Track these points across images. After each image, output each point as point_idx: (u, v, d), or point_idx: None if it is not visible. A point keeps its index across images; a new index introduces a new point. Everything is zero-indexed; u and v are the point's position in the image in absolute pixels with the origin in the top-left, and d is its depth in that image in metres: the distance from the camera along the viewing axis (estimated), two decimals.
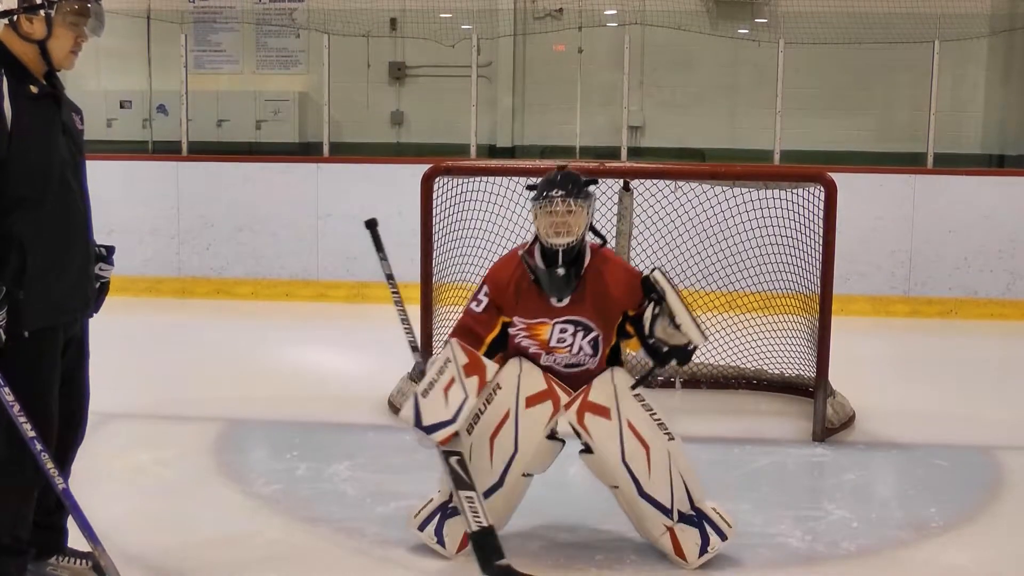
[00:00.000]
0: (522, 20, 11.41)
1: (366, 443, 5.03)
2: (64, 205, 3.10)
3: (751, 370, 6.05)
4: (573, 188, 3.65)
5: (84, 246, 3.21)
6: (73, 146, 3.16)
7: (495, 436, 3.67)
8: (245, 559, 3.75)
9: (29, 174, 3.00)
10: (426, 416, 3.53)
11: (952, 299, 8.46)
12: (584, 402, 3.65)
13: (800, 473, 4.85)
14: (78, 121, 3.24)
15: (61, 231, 3.10)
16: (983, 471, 4.85)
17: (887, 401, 5.82)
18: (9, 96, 2.96)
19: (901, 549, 3.95)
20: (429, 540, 3.76)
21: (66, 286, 3.12)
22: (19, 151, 2.98)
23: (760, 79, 10.02)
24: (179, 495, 4.33)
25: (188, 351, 7.13)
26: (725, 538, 3.70)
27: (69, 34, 3.07)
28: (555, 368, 3.73)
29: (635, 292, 3.67)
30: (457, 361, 3.61)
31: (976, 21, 10.49)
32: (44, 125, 3.05)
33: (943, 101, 9.17)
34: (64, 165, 3.09)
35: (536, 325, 3.72)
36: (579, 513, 4.05)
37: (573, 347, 3.70)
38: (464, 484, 3.53)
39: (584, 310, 3.68)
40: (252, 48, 11.80)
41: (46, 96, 3.09)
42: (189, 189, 8.93)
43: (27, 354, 3.05)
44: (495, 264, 3.95)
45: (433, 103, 11.32)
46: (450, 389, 3.56)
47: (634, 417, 3.64)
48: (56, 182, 3.06)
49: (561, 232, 3.59)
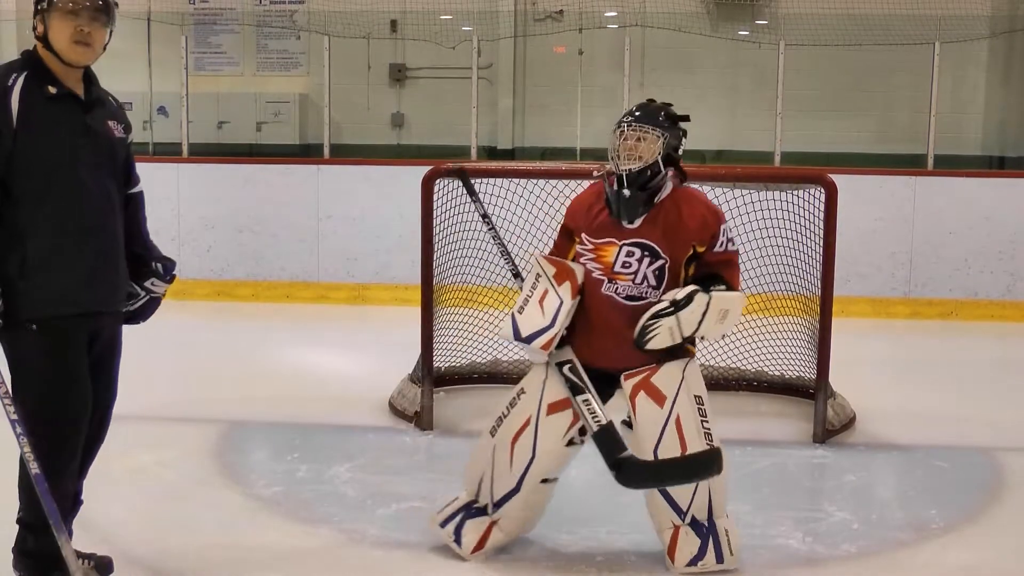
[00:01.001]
0: (522, 22, 11.43)
1: (367, 445, 5.03)
2: (72, 201, 3.15)
3: (752, 372, 6.05)
4: (644, 116, 3.63)
5: (102, 244, 3.24)
6: (97, 148, 3.22)
7: (515, 440, 3.69)
8: (246, 561, 3.75)
9: (32, 169, 3.08)
10: (524, 328, 3.63)
11: (952, 300, 8.46)
12: (645, 380, 3.61)
13: (801, 475, 4.85)
14: (115, 128, 3.32)
15: (68, 225, 3.14)
16: (984, 472, 4.85)
17: (888, 402, 5.82)
18: (20, 94, 3.06)
19: (902, 550, 3.95)
20: (447, 538, 3.78)
21: (74, 280, 3.16)
22: (24, 146, 3.06)
23: (760, 81, 10.04)
24: (180, 496, 4.33)
25: (189, 353, 7.13)
26: (721, 561, 3.66)
27: (64, 25, 3.12)
28: (615, 299, 3.63)
29: (707, 226, 3.63)
30: (547, 273, 3.69)
31: (976, 23, 10.50)
32: (55, 124, 3.12)
33: (943, 103, 9.17)
34: (79, 164, 3.15)
35: (603, 246, 3.66)
36: (580, 515, 4.05)
37: (637, 275, 3.61)
38: (578, 389, 3.61)
39: (654, 235, 3.61)
40: (252, 50, 11.82)
41: (65, 97, 3.16)
42: (189, 191, 8.93)
43: (36, 347, 3.11)
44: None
45: (433, 105, 11.34)
46: (545, 299, 3.65)
47: (684, 415, 3.59)
48: (63, 178, 3.12)
49: (631, 157, 3.57)
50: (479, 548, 3.73)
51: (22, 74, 3.10)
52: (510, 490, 3.69)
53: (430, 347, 5.42)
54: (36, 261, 3.09)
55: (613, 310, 3.64)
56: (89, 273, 3.20)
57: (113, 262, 3.30)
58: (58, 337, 3.14)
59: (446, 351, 5.81)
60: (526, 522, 3.80)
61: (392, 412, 5.52)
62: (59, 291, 3.13)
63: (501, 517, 3.75)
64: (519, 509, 3.72)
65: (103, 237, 3.25)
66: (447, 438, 5.19)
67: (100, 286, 3.25)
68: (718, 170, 7.05)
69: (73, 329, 3.18)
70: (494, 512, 3.75)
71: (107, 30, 3.21)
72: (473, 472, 3.82)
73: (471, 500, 3.81)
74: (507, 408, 3.74)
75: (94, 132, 3.22)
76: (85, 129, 3.19)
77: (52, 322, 3.12)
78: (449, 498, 3.89)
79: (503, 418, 3.73)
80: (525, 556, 3.79)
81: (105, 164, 3.25)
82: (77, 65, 3.18)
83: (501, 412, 3.75)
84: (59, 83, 3.15)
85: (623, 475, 3.55)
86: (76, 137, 3.16)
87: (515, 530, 3.79)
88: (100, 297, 3.26)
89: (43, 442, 3.09)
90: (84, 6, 3.14)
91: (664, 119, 3.65)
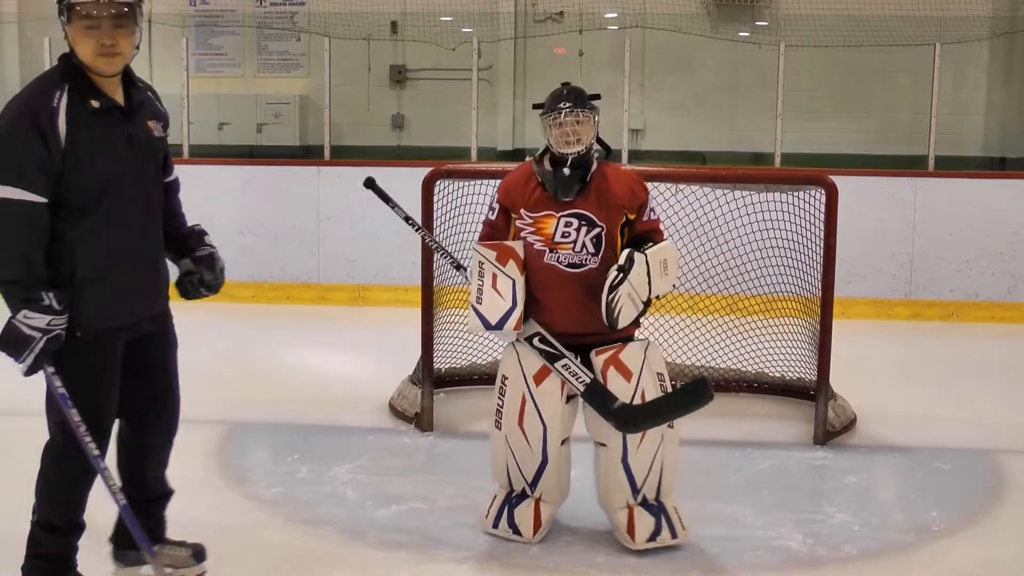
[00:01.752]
0: (523, 23, 11.41)
1: (367, 446, 5.03)
2: (118, 215, 3.17)
3: (752, 373, 6.04)
4: (579, 100, 3.88)
5: (146, 255, 3.32)
6: (137, 154, 3.23)
7: (522, 422, 3.87)
8: (246, 562, 3.75)
9: (79, 186, 3.08)
10: (490, 316, 3.83)
11: (953, 302, 8.45)
12: (615, 356, 3.82)
13: (801, 476, 4.85)
14: (155, 128, 3.32)
15: (113, 241, 3.18)
16: (984, 474, 4.84)
17: (888, 404, 5.82)
18: (66, 114, 3.03)
19: (902, 552, 3.95)
20: (505, 533, 3.93)
21: (120, 293, 3.21)
22: (71, 165, 3.05)
23: (761, 82, 10.01)
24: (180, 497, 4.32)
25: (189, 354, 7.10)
26: (675, 536, 3.85)
27: (86, 37, 3.06)
28: (558, 268, 3.85)
29: (636, 195, 3.90)
30: (488, 258, 3.89)
31: (977, 23, 10.49)
32: (100, 140, 3.11)
33: (944, 104, 9.15)
34: (123, 177, 3.17)
35: (542, 219, 3.87)
36: (580, 515, 4.05)
37: (576, 243, 3.84)
38: (554, 356, 3.82)
39: (588, 205, 3.85)
40: (253, 51, 11.80)
41: (108, 111, 3.14)
42: (190, 192, 8.86)
43: (79, 353, 3.14)
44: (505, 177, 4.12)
45: (434, 106, 11.33)
46: (497, 283, 3.84)
47: (649, 392, 3.81)
48: (108, 194, 3.14)
49: (571, 141, 3.81)
50: (538, 527, 3.92)
51: (64, 89, 3.06)
52: (539, 465, 3.89)
53: (430, 348, 5.42)
54: (84, 275, 3.13)
55: (557, 279, 3.86)
56: (135, 286, 3.27)
57: (154, 268, 3.38)
58: (98, 344, 3.19)
59: (446, 352, 5.81)
60: (563, 487, 3.98)
61: (392, 413, 5.52)
62: (105, 304, 3.18)
63: (542, 492, 3.94)
64: (553, 477, 3.91)
65: (147, 247, 3.32)
66: (447, 439, 5.19)
67: (144, 296, 3.34)
68: (718, 171, 7.05)
69: (114, 338, 3.24)
70: (533, 491, 3.95)
71: (135, 34, 3.14)
72: (499, 466, 3.99)
73: (508, 491, 3.99)
74: (499, 399, 3.94)
75: (137, 140, 3.22)
76: (128, 139, 3.19)
77: (96, 331, 3.17)
78: (487, 501, 4.02)
79: (500, 409, 3.93)
80: (526, 556, 3.80)
81: (147, 168, 3.30)
82: (107, 76, 3.14)
83: (496, 405, 3.94)
84: (100, 94, 3.12)
85: (623, 422, 3.72)
86: (120, 151, 3.16)
87: (558, 498, 3.99)
88: (143, 306, 3.34)
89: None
90: (104, 15, 3.06)
91: (589, 102, 3.90)
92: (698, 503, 4.26)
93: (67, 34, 3.09)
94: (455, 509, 4.23)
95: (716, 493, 4.45)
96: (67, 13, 3.05)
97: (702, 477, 4.55)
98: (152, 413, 3.48)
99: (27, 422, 3.48)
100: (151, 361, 3.43)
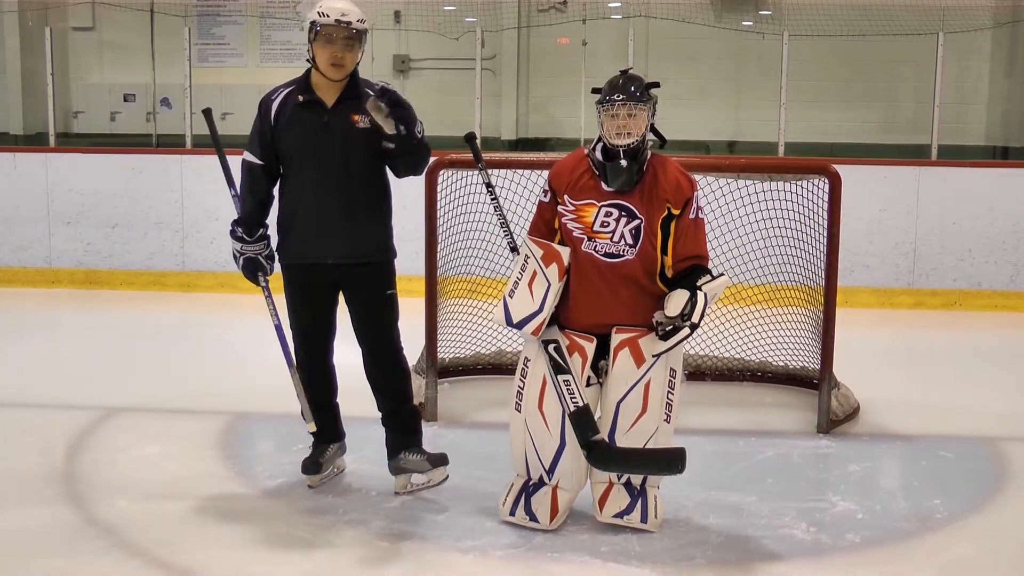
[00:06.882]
0: (526, 13, 11.41)
1: (370, 436, 5.01)
2: (305, 180, 4.10)
3: (756, 362, 6.05)
4: (635, 92, 3.84)
5: (328, 213, 4.09)
6: (328, 137, 4.06)
7: (541, 403, 3.87)
8: (250, 552, 3.76)
9: (283, 156, 4.14)
10: (515, 313, 3.86)
11: (956, 291, 8.46)
12: (633, 340, 3.83)
13: (805, 465, 4.86)
14: (360, 120, 4.08)
15: (300, 198, 4.12)
16: (988, 462, 4.85)
17: (891, 393, 5.83)
18: (278, 105, 4.12)
19: (906, 540, 3.96)
20: (522, 521, 3.94)
21: (300, 238, 4.14)
22: (277, 140, 4.12)
23: (764, 71, 10.00)
24: (184, 489, 4.34)
25: (193, 345, 7.14)
26: (645, 521, 3.88)
27: (324, 52, 4.02)
28: (595, 257, 3.85)
29: (681, 190, 3.87)
30: (535, 255, 3.90)
31: (980, 13, 10.47)
32: (298, 124, 4.08)
33: (947, 93, 9.13)
34: (313, 152, 4.06)
35: (583, 207, 3.87)
36: (585, 504, 4.06)
37: (615, 234, 3.83)
38: (561, 369, 3.83)
39: (631, 197, 3.84)
40: (256, 41, 11.79)
41: (310, 104, 4.08)
42: (193, 183, 8.93)
43: (285, 280, 4.24)
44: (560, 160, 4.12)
45: (437, 96, 11.30)
46: (534, 283, 3.86)
47: (655, 383, 3.82)
48: (300, 164, 4.10)
49: (622, 134, 3.79)
50: (555, 515, 3.91)
51: (286, 90, 4.14)
52: (556, 449, 3.88)
53: (434, 338, 5.43)
54: (283, 221, 4.20)
55: (593, 267, 3.86)
56: (314, 234, 4.09)
57: (339, 222, 4.09)
58: (294, 277, 4.21)
59: (450, 342, 5.82)
60: (580, 474, 3.95)
61: None
62: (293, 245, 4.18)
63: (559, 478, 3.93)
64: (571, 462, 3.89)
65: (329, 207, 4.08)
66: (451, 429, 5.19)
67: (325, 242, 4.10)
68: (722, 160, 7.05)
69: (306, 273, 4.17)
70: (551, 478, 3.94)
71: (359, 51, 4.08)
72: (517, 451, 3.99)
73: (525, 480, 3.99)
74: (520, 380, 3.94)
75: (332, 128, 4.06)
76: (324, 126, 4.06)
77: (291, 266, 4.20)
78: (504, 489, 4.03)
79: (521, 391, 3.93)
80: (531, 545, 3.80)
81: (340, 150, 4.06)
82: (333, 80, 4.05)
83: (517, 387, 3.95)
84: (311, 92, 4.09)
85: (593, 456, 3.77)
86: (314, 133, 4.06)
87: (575, 485, 3.96)
88: (323, 252, 4.11)
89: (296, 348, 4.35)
90: (341, 36, 4.01)
91: (645, 92, 3.88)
92: (703, 492, 4.28)
93: (310, 48, 4.05)
94: (459, 499, 4.23)
95: (720, 482, 4.46)
96: (314, 32, 4.01)
97: (706, 466, 4.56)
98: (359, 337, 4.30)
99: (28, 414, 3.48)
100: (351, 297, 4.23)
